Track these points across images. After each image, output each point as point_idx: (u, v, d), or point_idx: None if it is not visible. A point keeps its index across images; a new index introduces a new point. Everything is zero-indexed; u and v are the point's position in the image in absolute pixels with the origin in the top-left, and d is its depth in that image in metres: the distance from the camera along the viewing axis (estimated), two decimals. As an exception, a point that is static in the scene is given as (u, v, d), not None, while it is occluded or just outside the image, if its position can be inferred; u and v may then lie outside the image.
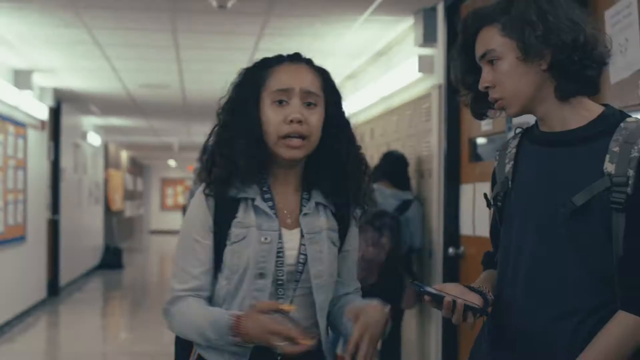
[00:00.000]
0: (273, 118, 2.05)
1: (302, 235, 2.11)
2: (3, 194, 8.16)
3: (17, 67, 8.51)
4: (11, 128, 8.46)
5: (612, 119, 1.90)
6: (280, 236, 2.08)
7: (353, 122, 2.23)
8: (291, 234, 2.11)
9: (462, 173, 5.12)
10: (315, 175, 2.15)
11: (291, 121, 2.04)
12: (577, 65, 1.87)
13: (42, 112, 9.72)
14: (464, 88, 2.08)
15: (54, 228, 11.19)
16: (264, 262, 2.05)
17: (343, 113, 2.20)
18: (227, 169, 2.07)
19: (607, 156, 1.84)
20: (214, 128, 2.15)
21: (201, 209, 2.11)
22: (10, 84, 8.38)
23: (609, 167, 1.83)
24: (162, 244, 23.02)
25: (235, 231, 2.07)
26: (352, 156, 2.16)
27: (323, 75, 2.15)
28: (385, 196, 5.52)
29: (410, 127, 6.25)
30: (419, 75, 5.82)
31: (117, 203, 19.23)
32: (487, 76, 1.95)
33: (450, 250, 5.08)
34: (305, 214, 2.12)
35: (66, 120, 11.71)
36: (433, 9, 5.47)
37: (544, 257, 1.90)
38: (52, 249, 11.13)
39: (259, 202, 2.08)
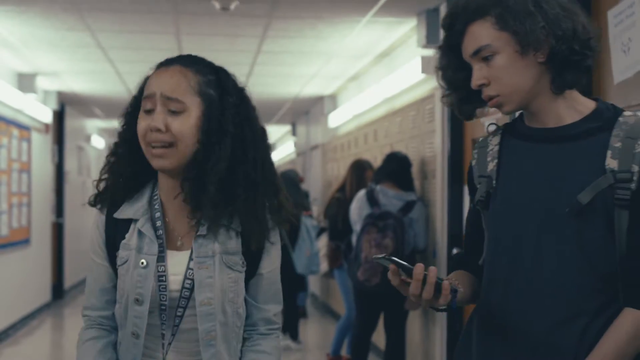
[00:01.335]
0: (140, 127, 1.94)
1: (190, 259, 1.97)
2: (7, 197, 8.17)
3: (20, 70, 8.52)
4: (15, 131, 8.47)
5: (607, 113, 1.87)
6: (162, 259, 1.96)
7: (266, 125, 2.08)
8: (179, 257, 1.98)
9: (466, 174, 5.11)
10: (199, 197, 1.95)
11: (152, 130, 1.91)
12: (578, 55, 1.82)
13: (46, 115, 9.73)
14: (450, 88, 2.00)
15: (58, 231, 11.20)
16: (140, 288, 1.94)
17: (238, 114, 1.97)
18: (112, 185, 2.01)
19: (609, 152, 1.79)
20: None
21: (95, 229, 2.04)
22: (14, 88, 8.39)
23: (612, 163, 1.78)
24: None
25: (120, 253, 1.98)
26: (247, 176, 1.96)
27: (206, 76, 1.96)
28: (388, 197, 5.52)
29: (413, 128, 6.25)
30: (422, 76, 5.83)
31: (121, 206, 19.22)
32: (480, 73, 1.86)
33: (454, 250, 5.08)
34: (199, 235, 1.96)
35: (70, 123, 11.72)
36: (436, 10, 5.47)
37: (547, 257, 1.83)
38: (57, 252, 11.15)
39: (141, 223, 1.97)
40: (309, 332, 8.66)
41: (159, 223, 1.99)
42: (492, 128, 2.03)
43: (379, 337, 6.28)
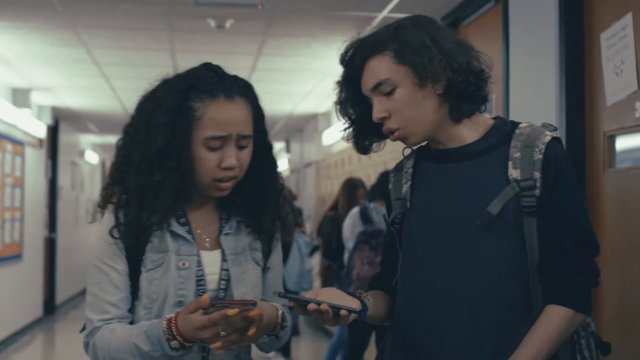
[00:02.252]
0: (206, 163, 1.91)
1: (223, 257, 1.99)
2: (0, 212, 8.15)
3: (15, 85, 8.52)
4: (9, 146, 8.46)
5: (505, 128, 1.94)
6: (199, 262, 1.95)
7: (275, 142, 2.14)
8: (212, 256, 1.98)
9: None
10: (235, 199, 2.03)
11: (225, 167, 1.92)
12: (473, 86, 1.88)
13: (40, 130, 9.73)
14: (348, 122, 2.03)
15: (50, 246, 11.17)
16: (183, 289, 1.92)
17: (265, 133, 2.05)
18: (150, 212, 1.91)
19: (510, 163, 1.86)
20: (123, 152, 1.99)
21: (109, 236, 1.94)
22: (9, 102, 8.39)
23: (514, 173, 1.85)
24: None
25: (150, 257, 1.92)
26: (272, 179, 2.07)
27: (251, 98, 1.99)
28: (382, 215, 5.51)
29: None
30: (416, 95, 5.83)
31: (114, 221, 19.17)
32: (381, 106, 1.89)
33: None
34: (226, 234, 2.01)
35: (64, 138, 11.72)
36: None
37: (460, 273, 1.86)
38: (49, 267, 11.11)
39: (175, 226, 1.95)
40: (301, 349, 8.64)
41: (186, 228, 1.98)
42: (407, 152, 2.09)
43: (371, 356, 6.26)
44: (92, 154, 14.56)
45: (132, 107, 2.05)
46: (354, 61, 1.93)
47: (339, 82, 2.00)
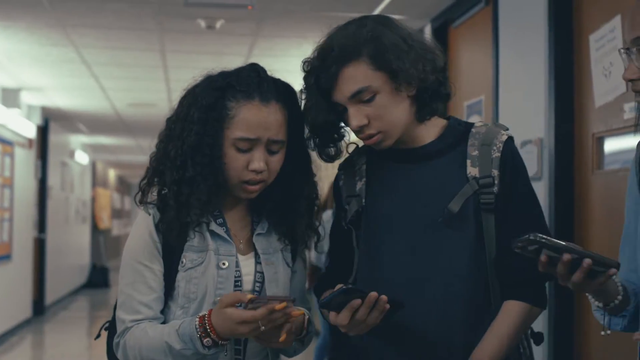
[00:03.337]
0: (234, 163, 1.90)
1: (256, 259, 1.98)
2: (-11, 212, 8.12)
3: (4, 85, 8.50)
4: (-2, 146, 8.44)
5: (460, 127, 1.96)
6: (237, 263, 1.95)
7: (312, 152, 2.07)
8: (246, 259, 1.98)
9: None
10: (265, 204, 2.02)
11: (252, 170, 1.91)
12: (442, 86, 1.89)
13: (30, 131, 9.70)
14: (312, 130, 1.97)
15: (40, 246, 11.14)
16: (221, 289, 1.90)
17: (301, 140, 2.01)
18: (187, 208, 1.90)
19: (468, 161, 1.89)
20: (162, 144, 1.97)
21: (147, 231, 1.94)
22: (-2, 102, 8.37)
23: (472, 171, 1.88)
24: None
25: (189, 256, 1.91)
26: (306, 188, 2.04)
27: (289, 104, 1.97)
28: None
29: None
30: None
31: (104, 221, 19.16)
32: (360, 114, 1.85)
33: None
34: (259, 234, 2.00)
35: (54, 138, 11.69)
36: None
37: (427, 272, 1.86)
38: (38, 268, 11.07)
39: (213, 226, 1.95)
40: (290, 350, 8.62)
41: (224, 228, 1.97)
42: (352, 147, 2.06)
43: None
44: (82, 154, 14.52)
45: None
46: (329, 70, 1.86)
47: (302, 90, 1.96)
